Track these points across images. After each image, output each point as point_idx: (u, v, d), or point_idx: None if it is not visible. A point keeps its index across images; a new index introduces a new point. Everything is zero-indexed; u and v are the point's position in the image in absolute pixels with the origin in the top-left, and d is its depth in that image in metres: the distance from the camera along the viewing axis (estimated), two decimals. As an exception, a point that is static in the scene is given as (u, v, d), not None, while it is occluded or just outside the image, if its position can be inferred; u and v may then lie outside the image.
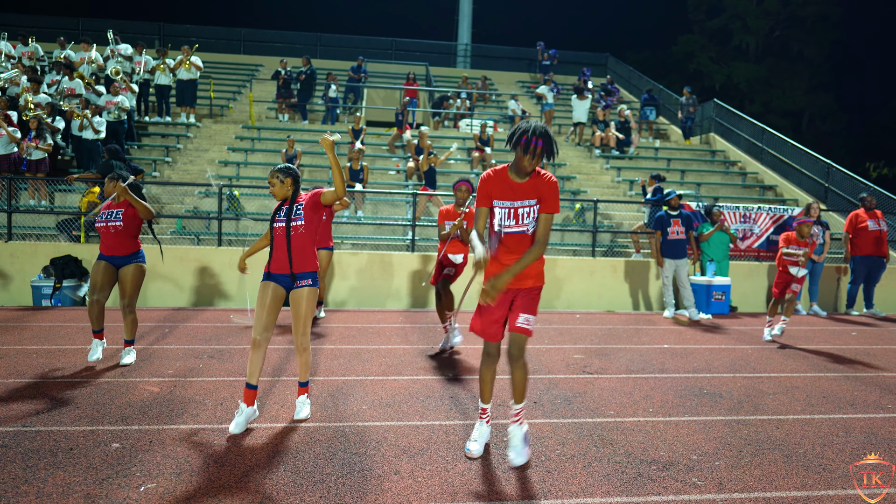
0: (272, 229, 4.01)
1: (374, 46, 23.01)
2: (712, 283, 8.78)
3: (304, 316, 3.95)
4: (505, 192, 3.27)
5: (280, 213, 4.00)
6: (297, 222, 3.96)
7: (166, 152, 12.93)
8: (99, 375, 4.92)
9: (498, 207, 3.28)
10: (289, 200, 4.04)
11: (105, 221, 5.20)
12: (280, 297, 3.98)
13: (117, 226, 5.18)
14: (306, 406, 4.10)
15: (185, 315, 7.80)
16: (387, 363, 5.58)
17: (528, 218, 3.27)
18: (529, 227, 3.27)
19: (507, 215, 3.27)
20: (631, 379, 5.25)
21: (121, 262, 5.21)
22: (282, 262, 3.95)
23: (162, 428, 3.80)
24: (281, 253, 3.95)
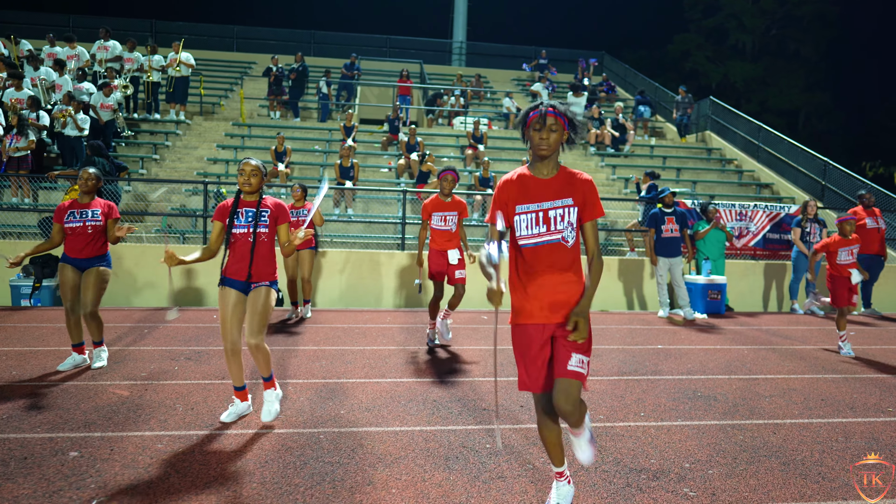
0: (231, 234, 3.77)
1: (369, 44, 22.80)
2: (708, 282, 8.60)
3: (261, 312, 3.73)
4: (528, 193, 2.57)
5: (240, 216, 3.77)
6: (262, 229, 3.79)
7: (154, 149, 12.71)
8: (68, 379, 4.72)
9: (522, 214, 2.55)
10: (255, 202, 3.84)
11: (81, 221, 4.92)
12: (241, 301, 3.80)
13: (96, 225, 4.95)
14: (274, 401, 3.85)
15: (165, 316, 7.58)
16: (370, 365, 5.38)
17: (563, 222, 2.52)
18: (566, 234, 2.52)
19: (536, 221, 2.54)
20: (623, 381, 5.06)
21: (85, 265, 4.96)
22: (242, 269, 3.78)
23: (125, 435, 3.60)
24: (243, 261, 3.76)
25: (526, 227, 2.55)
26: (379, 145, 14.20)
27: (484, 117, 15.21)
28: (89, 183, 4.99)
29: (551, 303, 2.54)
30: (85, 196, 5.02)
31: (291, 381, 4.82)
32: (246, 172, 3.78)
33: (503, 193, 2.63)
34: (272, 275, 3.87)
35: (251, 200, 3.83)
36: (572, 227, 2.53)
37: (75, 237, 4.92)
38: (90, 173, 5.00)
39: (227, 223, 3.79)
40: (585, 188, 2.57)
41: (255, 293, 3.77)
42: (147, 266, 8.70)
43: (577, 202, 2.54)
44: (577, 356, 2.52)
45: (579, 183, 2.57)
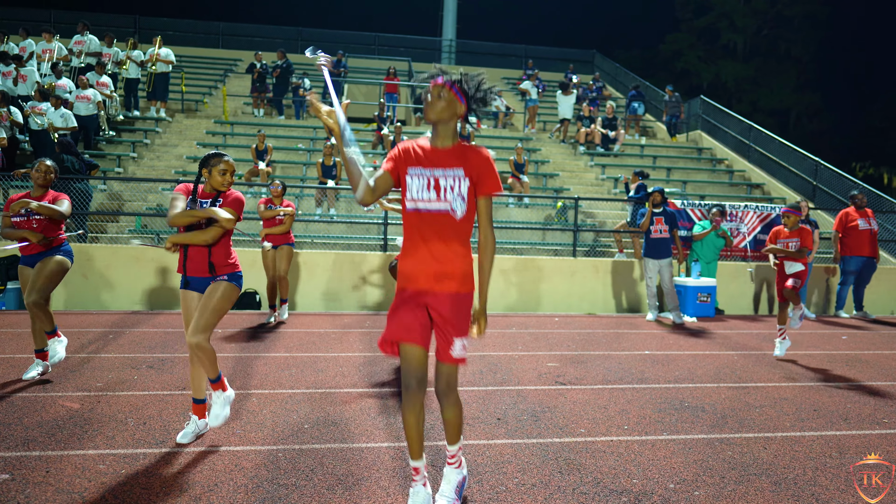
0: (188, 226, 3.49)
1: (357, 41, 22.49)
2: (698, 285, 8.38)
3: (213, 309, 3.39)
4: (421, 158, 2.57)
5: (197, 206, 3.52)
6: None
7: (133, 147, 12.38)
8: (17, 389, 4.42)
9: (412, 176, 2.54)
10: (214, 193, 3.59)
11: (26, 216, 4.58)
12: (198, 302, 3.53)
13: (41, 219, 4.59)
14: (224, 406, 3.53)
15: (137, 319, 7.29)
16: (342, 373, 5.12)
17: (453, 193, 2.50)
18: (454, 205, 2.50)
19: (427, 186, 2.51)
20: (607, 390, 4.82)
21: (39, 259, 4.64)
22: (200, 263, 3.50)
23: (66, 454, 3.31)
24: (199, 253, 3.49)
25: (417, 191, 2.53)
26: (366, 144, 13.92)
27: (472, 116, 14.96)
28: (48, 176, 4.66)
29: (435, 272, 2.55)
30: (38, 189, 4.70)
31: (255, 391, 4.55)
32: (230, 172, 3.51)
33: (400, 151, 2.64)
34: (234, 266, 3.57)
35: (210, 192, 3.56)
36: (463, 199, 2.51)
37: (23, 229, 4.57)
38: (47, 165, 4.67)
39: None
40: (480, 161, 2.55)
41: (212, 287, 3.46)
42: (119, 267, 8.39)
43: (469, 174, 2.52)
44: (460, 341, 2.57)
45: (474, 156, 2.56)
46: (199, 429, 3.60)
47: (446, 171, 2.53)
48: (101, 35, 14.02)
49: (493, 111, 16.32)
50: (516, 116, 16.95)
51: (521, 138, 14.76)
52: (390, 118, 14.38)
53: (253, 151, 11.52)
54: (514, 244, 10.15)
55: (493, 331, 7.19)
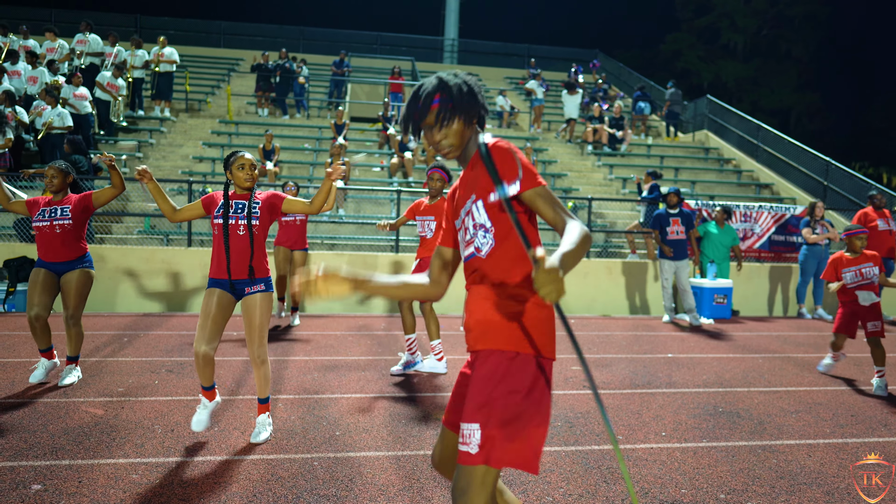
0: (225, 226, 3.46)
1: (359, 41, 22.38)
2: (714, 286, 8.32)
3: (260, 325, 3.49)
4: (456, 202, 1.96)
5: (231, 208, 3.50)
6: (255, 221, 3.50)
7: (138, 147, 12.25)
8: (38, 395, 4.32)
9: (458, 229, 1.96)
10: (247, 195, 3.55)
11: (49, 220, 4.47)
12: (228, 305, 3.50)
13: (64, 224, 4.46)
14: (266, 428, 3.63)
15: (150, 322, 7.18)
16: (366, 378, 5.03)
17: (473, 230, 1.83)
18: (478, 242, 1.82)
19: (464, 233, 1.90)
20: (637, 395, 4.74)
21: (64, 269, 4.51)
22: (236, 265, 3.46)
23: (97, 462, 3.22)
24: (236, 255, 3.46)
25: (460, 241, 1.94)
26: (370, 144, 13.83)
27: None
28: (55, 181, 4.51)
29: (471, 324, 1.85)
30: (57, 194, 4.58)
31: (282, 396, 4.45)
32: (247, 166, 3.52)
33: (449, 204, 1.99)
34: (267, 269, 3.60)
35: (242, 193, 3.57)
36: (486, 230, 1.79)
37: (44, 238, 4.45)
38: (55, 169, 4.52)
39: (213, 215, 3.52)
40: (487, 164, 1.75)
41: (249, 303, 3.47)
42: (130, 269, 8.27)
43: (480, 193, 1.80)
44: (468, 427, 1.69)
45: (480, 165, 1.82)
46: (212, 409, 3.63)
47: (464, 208, 1.88)
48: (103, 34, 13.88)
49: (497, 111, 16.23)
50: (521, 116, 16.87)
51: (526, 138, 14.69)
52: (395, 118, 14.29)
53: (260, 151, 11.41)
54: (526, 245, 10.06)
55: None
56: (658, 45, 37.60)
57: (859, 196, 11.51)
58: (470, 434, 1.66)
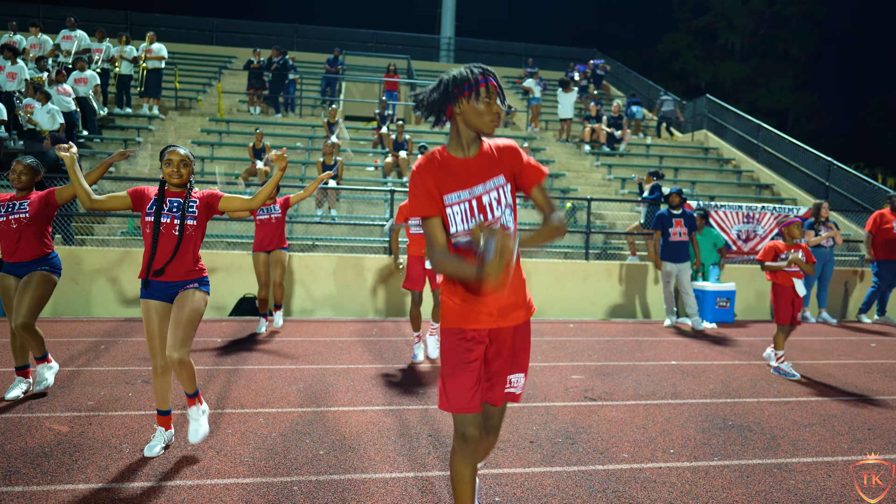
0: (155, 225, 3.20)
1: (354, 39, 22.08)
2: (717, 289, 8.06)
3: (187, 319, 3.19)
4: (455, 177, 2.07)
5: (165, 206, 3.24)
6: (190, 220, 3.27)
7: (125, 145, 11.93)
8: (0, 409, 4.02)
9: (453, 205, 2.07)
10: (183, 192, 3.33)
11: (5, 216, 4.07)
12: (166, 314, 3.27)
13: (21, 219, 4.07)
14: (203, 420, 3.40)
15: (130, 328, 6.88)
16: (355, 388, 4.75)
17: (500, 207, 2.08)
18: (505, 220, 2.08)
19: (471, 211, 2.06)
20: (641, 406, 4.48)
21: (25, 271, 4.16)
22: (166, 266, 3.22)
23: (52, 489, 2.93)
24: (166, 256, 3.21)
25: (461, 221, 2.07)
26: (364, 143, 13.55)
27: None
28: (23, 178, 4.16)
29: (502, 306, 2.13)
30: (19, 192, 4.22)
31: (262, 410, 4.17)
32: (174, 162, 3.26)
33: (424, 179, 2.08)
34: (203, 272, 3.36)
35: (179, 191, 3.32)
36: (511, 209, 2.12)
37: (2, 235, 4.10)
38: (24, 165, 4.16)
39: (145, 211, 3.25)
40: (512, 153, 2.13)
41: (181, 297, 3.24)
42: (109, 271, 7.97)
43: (508, 176, 2.11)
44: (517, 377, 2.24)
45: (504, 150, 2.13)
46: (166, 440, 3.45)
47: (486, 184, 2.08)
48: (91, 31, 13.56)
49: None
50: (518, 115, 16.62)
51: (524, 137, 14.43)
52: (391, 116, 14.01)
53: (250, 150, 11.12)
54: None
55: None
56: (655, 44, 37.41)
57: (861, 196, 11.30)
58: (518, 381, 2.24)
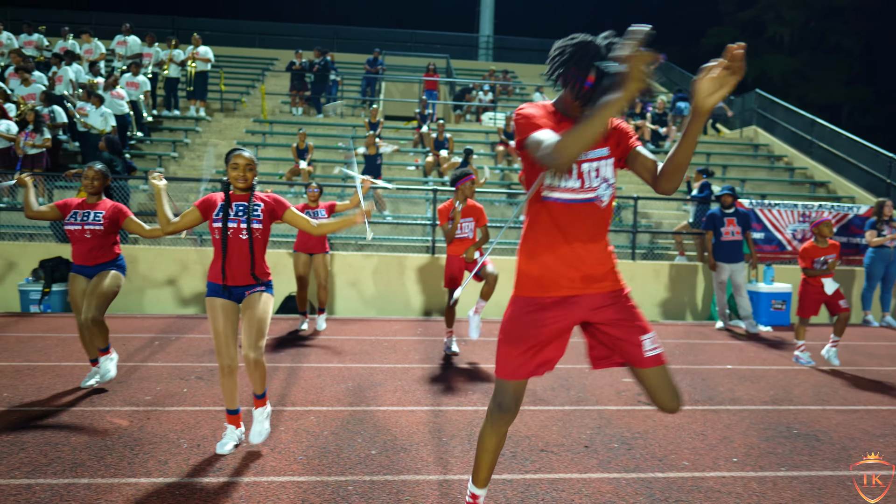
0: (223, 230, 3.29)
1: (393, 39, 22.19)
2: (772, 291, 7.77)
3: (260, 320, 3.27)
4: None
5: (231, 211, 3.31)
6: (256, 224, 3.33)
7: (173, 147, 12.25)
8: (63, 403, 4.15)
9: None
10: (247, 196, 3.38)
11: (80, 224, 4.31)
12: (232, 313, 3.32)
13: (96, 230, 4.31)
14: (266, 421, 3.44)
15: (182, 325, 7.04)
16: (403, 388, 4.73)
17: (598, 178, 2.09)
18: (601, 192, 2.09)
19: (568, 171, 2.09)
20: (699, 412, 4.32)
21: (95, 272, 4.38)
22: (235, 271, 3.30)
23: (117, 482, 2.99)
24: (235, 260, 3.28)
25: (552, 180, 2.10)
26: (405, 142, 13.57)
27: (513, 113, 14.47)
28: (95, 183, 4.39)
29: (585, 275, 2.14)
30: (92, 196, 4.44)
31: (313, 408, 4.19)
32: (241, 167, 3.32)
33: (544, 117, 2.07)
34: (268, 275, 3.44)
35: (242, 194, 3.38)
36: (607, 184, 2.11)
37: (75, 242, 4.35)
38: (95, 171, 4.39)
39: (212, 218, 3.33)
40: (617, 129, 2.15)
41: (250, 300, 3.31)
42: (163, 269, 8.18)
43: (612, 150, 2.13)
44: (647, 337, 2.15)
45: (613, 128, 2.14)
46: (238, 438, 3.44)
47: (588, 153, 2.09)
48: (141, 36, 13.96)
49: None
50: (559, 113, 16.39)
51: (566, 135, 14.23)
52: (431, 115, 14.00)
53: (294, 150, 11.26)
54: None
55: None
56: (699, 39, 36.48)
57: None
58: (653, 339, 2.15)
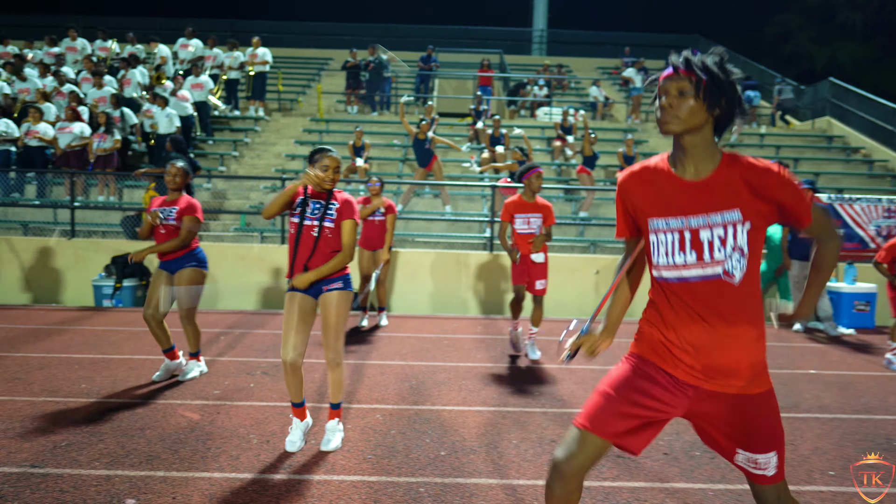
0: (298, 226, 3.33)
1: (445, 35, 22.11)
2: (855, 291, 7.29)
3: (335, 324, 3.32)
4: (665, 200, 1.75)
5: (308, 208, 3.34)
6: (327, 223, 3.33)
7: (234, 146, 12.55)
8: (137, 395, 4.24)
9: (659, 232, 1.76)
10: (325, 194, 3.38)
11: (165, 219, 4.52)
12: (308, 309, 3.37)
13: (170, 225, 4.49)
14: (337, 434, 3.43)
15: (246, 320, 7.16)
16: (468, 387, 4.63)
17: (724, 249, 1.67)
18: (729, 265, 1.67)
19: (681, 245, 1.71)
20: (786, 420, 4.01)
21: (176, 267, 4.53)
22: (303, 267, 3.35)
23: (191, 476, 3.00)
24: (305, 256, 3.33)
25: (666, 253, 1.74)
26: (459, 139, 13.47)
27: (570, 107, 14.13)
28: (177, 179, 4.54)
29: (707, 365, 1.72)
30: (172, 193, 4.60)
31: (379, 406, 4.14)
32: (331, 168, 3.29)
33: (627, 196, 1.85)
34: (344, 269, 3.42)
35: (322, 192, 3.38)
36: (742, 253, 1.66)
37: (157, 236, 4.53)
38: (177, 168, 4.55)
39: (291, 212, 3.37)
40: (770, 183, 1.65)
41: (326, 299, 3.33)
42: (226, 266, 8.35)
43: (748, 214, 1.66)
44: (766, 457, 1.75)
45: (751, 172, 1.66)
46: (305, 429, 3.50)
47: (710, 217, 1.69)
48: (202, 39, 14.36)
49: (591, 101, 15.44)
50: (616, 107, 15.97)
51: (624, 130, 13.83)
52: (486, 111, 13.86)
53: (350, 148, 11.32)
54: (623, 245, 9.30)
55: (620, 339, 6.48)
56: (762, 27, 34.91)
57: None
58: (766, 462, 1.75)
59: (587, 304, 7.93)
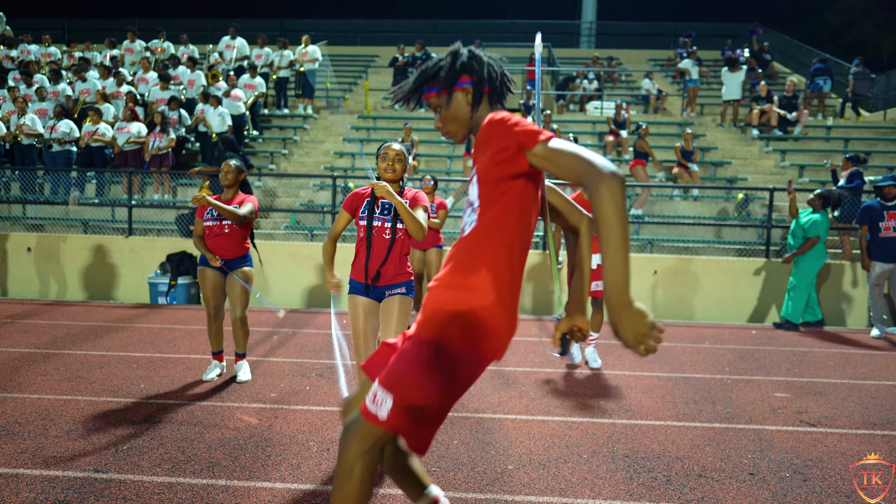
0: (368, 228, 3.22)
1: (492, 30, 21.86)
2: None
3: (396, 331, 3.20)
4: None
5: (377, 208, 3.21)
6: (400, 223, 3.21)
7: (283, 144, 12.64)
8: (195, 396, 4.21)
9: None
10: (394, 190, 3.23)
11: (218, 220, 4.42)
12: (372, 312, 3.28)
13: (233, 224, 4.42)
14: None
15: (297, 319, 7.14)
16: (529, 395, 4.43)
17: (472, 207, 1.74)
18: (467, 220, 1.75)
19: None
20: (879, 437, 3.71)
21: (234, 267, 4.49)
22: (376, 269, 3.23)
23: (253, 486, 2.91)
24: (377, 258, 3.20)
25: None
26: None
27: (621, 101, 13.69)
28: (229, 176, 4.49)
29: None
30: (228, 191, 4.54)
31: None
32: (390, 157, 3.22)
33: None
34: (409, 275, 3.32)
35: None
36: (473, 210, 1.72)
37: (212, 236, 4.44)
38: (231, 165, 4.51)
39: (358, 216, 3.27)
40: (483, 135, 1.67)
41: (388, 304, 3.23)
42: (276, 264, 8.37)
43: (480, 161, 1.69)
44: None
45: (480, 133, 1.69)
46: None
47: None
48: (252, 39, 14.47)
49: (643, 94, 14.93)
50: (670, 100, 15.41)
51: (679, 123, 13.31)
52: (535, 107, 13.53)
53: (399, 145, 11.24)
54: (684, 242, 8.92)
55: (684, 344, 6.18)
56: (822, 15, 33.26)
57: None
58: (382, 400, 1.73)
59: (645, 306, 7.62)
